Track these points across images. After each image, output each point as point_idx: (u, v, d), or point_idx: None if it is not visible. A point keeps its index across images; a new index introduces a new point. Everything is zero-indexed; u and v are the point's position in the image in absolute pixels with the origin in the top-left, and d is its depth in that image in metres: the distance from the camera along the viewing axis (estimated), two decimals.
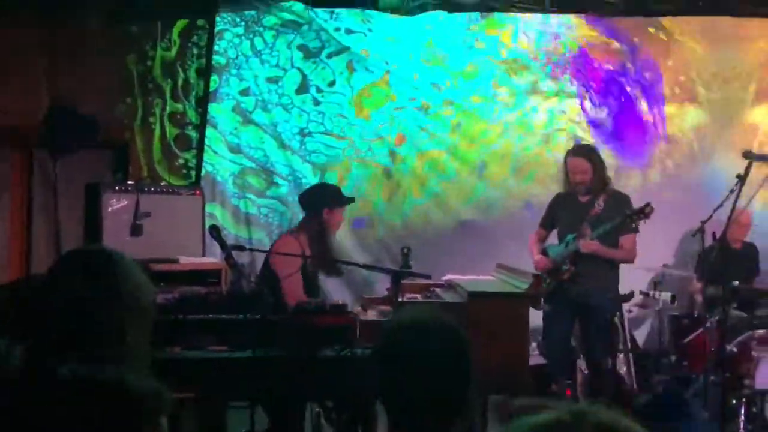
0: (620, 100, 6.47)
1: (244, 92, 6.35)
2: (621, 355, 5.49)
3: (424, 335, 1.77)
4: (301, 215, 5.71)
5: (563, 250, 4.93)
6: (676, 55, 6.47)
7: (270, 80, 6.36)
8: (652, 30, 6.48)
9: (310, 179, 6.29)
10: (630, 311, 5.81)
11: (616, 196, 5.01)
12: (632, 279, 5.57)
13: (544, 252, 5.12)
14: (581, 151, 5.03)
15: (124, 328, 1.73)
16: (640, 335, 6.07)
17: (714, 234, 5.13)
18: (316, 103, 6.39)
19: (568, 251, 4.88)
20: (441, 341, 1.76)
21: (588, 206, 4.92)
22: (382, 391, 1.78)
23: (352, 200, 4.75)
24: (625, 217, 4.71)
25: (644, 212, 4.67)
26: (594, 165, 4.91)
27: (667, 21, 6.48)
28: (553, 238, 5.23)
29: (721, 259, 4.94)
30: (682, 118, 6.49)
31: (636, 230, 4.84)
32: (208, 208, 5.75)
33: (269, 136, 6.36)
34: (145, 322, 1.80)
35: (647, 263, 5.64)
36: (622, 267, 5.19)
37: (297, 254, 4.24)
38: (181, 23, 6.36)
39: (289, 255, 4.19)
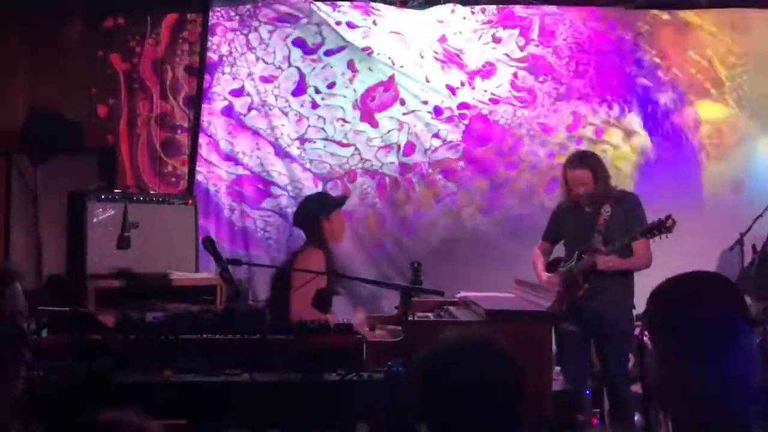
0: (646, 103, 6.48)
1: (237, 92, 6.39)
2: None
3: (474, 361, 1.76)
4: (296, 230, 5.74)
5: (574, 266, 4.95)
6: (700, 48, 6.47)
7: (265, 79, 6.39)
8: (671, 22, 6.49)
9: (311, 190, 6.32)
10: None
11: (623, 197, 5.03)
12: None
13: (550, 268, 5.14)
14: (581, 161, 5.02)
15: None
16: None
17: (754, 246, 5.15)
18: (315, 106, 6.42)
19: (581, 267, 4.89)
20: (494, 369, 1.76)
21: (594, 215, 4.94)
22: (423, 417, 1.78)
23: (345, 198, 4.82)
24: (645, 231, 4.72)
25: (665, 226, 4.64)
26: (596, 174, 4.93)
27: (687, 13, 6.49)
28: (558, 251, 5.26)
29: (760, 273, 4.95)
30: (719, 116, 6.47)
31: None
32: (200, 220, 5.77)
33: (265, 142, 6.39)
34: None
35: None
36: (655, 284, 5.19)
37: (319, 268, 4.28)
38: (170, 17, 6.41)
39: (307, 271, 4.22)
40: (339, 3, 6.43)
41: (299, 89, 6.43)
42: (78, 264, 4.61)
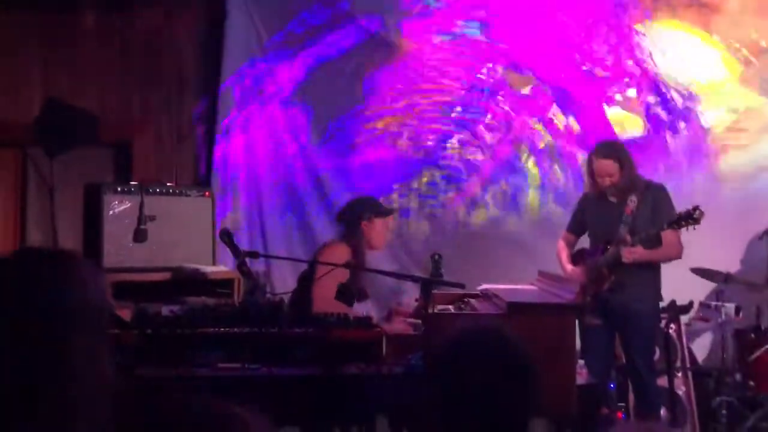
0: (666, 88, 6.39)
1: (256, 79, 6.38)
2: (679, 374, 5.45)
3: (486, 353, 1.77)
4: (318, 221, 5.74)
5: (600, 258, 4.92)
6: (723, 32, 6.35)
7: (281, 67, 6.38)
8: (694, 5, 6.37)
9: (331, 179, 6.30)
10: (688, 324, 5.76)
11: (649, 187, 4.99)
12: (692, 288, 5.52)
13: (575, 260, 5.11)
14: (607, 151, 4.99)
15: (69, 345, 1.61)
16: (700, 351, 6.02)
17: None
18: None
19: (606, 260, 4.87)
20: (505, 362, 1.76)
21: (621, 205, 4.91)
22: (435, 408, 1.79)
23: (392, 210, 4.90)
24: (672, 222, 4.69)
25: (693, 217, 4.62)
26: (622, 164, 4.89)
27: None
28: (583, 243, 5.22)
29: None
30: (741, 103, 6.38)
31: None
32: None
33: (284, 131, 6.39)
34: (96, 337, 1.73)
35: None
36: (680, 276, 5.16)
37: (341, 262, 4.30)
38: (187, 6, 6.40)
39: (335, 264, 4.24)
40: None
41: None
42: (95, 257, 4.63)
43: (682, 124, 6.40)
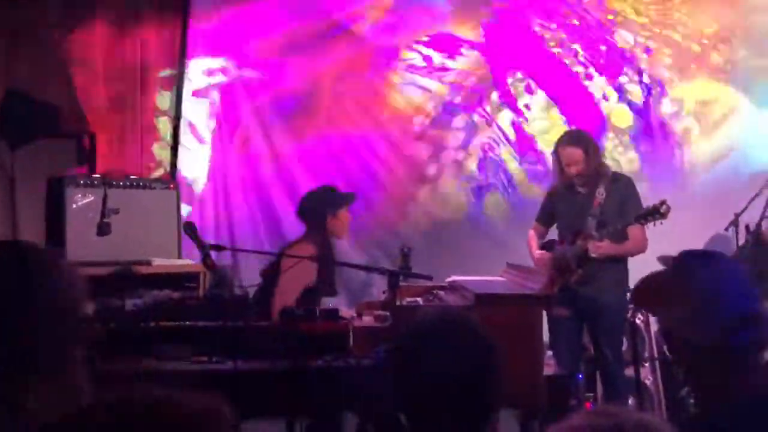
0: (636, 76, 6.41)
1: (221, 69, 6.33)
2: (646, 364, 5.50)
3: (449, 341, 1.76)
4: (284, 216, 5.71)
5: (567, 250, 4.93)
6: (684, 22, 6.36)
7: (249, 53, 6.35)
8: None
9: (298, 170, 6.28)
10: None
11: (617, 179, 5.02)
12: None
13: (545, 249, 5.12)
14: (573, 139, 5.01)
15: (37, 339, 1.66)
16: None
17: (747, 227, 5.14)
18: None
19: (574, 253, 4.88)
20: (467, 349, 1.75)
21: (589, 197, 4.93)
22: (399, 399, 1.78)
23: (353, 196, 4.79)
24: (639, 217, 4.71)
25: (659, 211, 4.64)
26: (587, 153, 4.91)
27: None
28: (553, 234, 5.25)
29: (755, 256, 4.94)
30: (701, 94, 6.41)
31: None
32: (183, 209, 5.73)
33: (251, 121, 6.35)
34: (67, 332, 1.71)
35: None
36: (647, 266, 5.18)
37: (306, 266, 4.26)
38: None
39: (302, 257, 4.21)
40: None
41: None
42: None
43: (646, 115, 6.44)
